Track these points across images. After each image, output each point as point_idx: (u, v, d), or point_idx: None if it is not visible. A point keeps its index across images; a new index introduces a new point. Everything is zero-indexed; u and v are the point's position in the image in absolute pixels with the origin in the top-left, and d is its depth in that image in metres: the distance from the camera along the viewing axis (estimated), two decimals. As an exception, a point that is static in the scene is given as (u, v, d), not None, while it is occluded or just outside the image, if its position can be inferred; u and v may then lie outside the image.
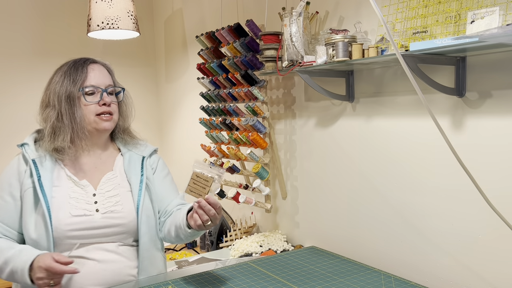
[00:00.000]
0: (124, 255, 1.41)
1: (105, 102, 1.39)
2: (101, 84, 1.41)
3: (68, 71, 1.39)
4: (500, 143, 1.24)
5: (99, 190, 1.41)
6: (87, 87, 1.37)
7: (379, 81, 1.58)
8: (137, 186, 1.44)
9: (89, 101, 1.38)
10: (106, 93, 1.40)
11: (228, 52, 2.08)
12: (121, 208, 1.40)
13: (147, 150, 1.55)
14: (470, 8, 1.19)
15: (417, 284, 1.40)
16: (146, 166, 1.50)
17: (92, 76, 1.40)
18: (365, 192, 1.67)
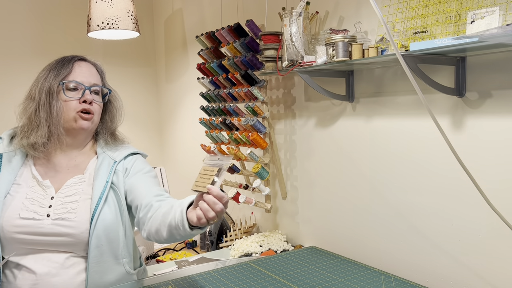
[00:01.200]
0: (72, 269, 1.30)
1: (86, 99, 1.33)
2: (85, 82, 1.35)
3: (54, 66, 1.36)
4: (500, 143, 1.24)
5: (59, 194, 1.32)
6: (69, 82, 1.33)
7: (379, 81, 1.58)
8: (98, 193, 1.32)
9: (69, 97, 1.32)
10: (89, 91, 1.35)
11: (228, 52, 2.08)
12: (73, 217, 1.29)
13: (123, 153, 1.43)
14: (470, 8, 1.19)
15: (417, 284, 1.40)
16: (117, 171, 1.38)
17: (77, 72, 1.35)
18: (365, 192, 1.67)
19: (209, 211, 1.06)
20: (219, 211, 1.06)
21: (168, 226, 1.19)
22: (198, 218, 1.08)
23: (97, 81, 1.40)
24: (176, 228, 1.17)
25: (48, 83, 1.32)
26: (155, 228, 1.24)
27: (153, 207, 1.28)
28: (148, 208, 1.30)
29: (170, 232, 1.20)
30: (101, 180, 1.34)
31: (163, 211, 1.23)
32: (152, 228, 1.26)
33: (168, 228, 1.19)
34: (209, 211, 1.06)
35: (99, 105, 1.39)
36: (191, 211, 1.12)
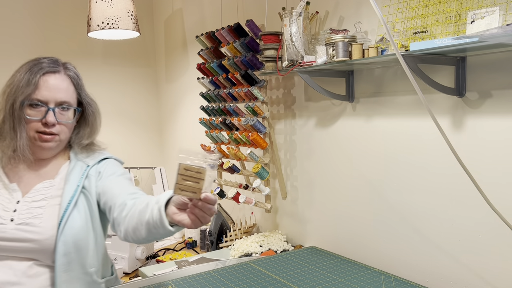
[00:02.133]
0: (35, 279, 1.22)
1: (47, 122, 1.24)
2: (50, 100, 1.25)
3: (23, 76, 1.25)
4: (500, 143, 1.24)
5: (26, 198, 1.26)
6: (31, 101, 1.24)
7: (379, 81, 1.58)
8: (67, 198, 1.25)
9: (29, 117, 1.24)
10: (53, 112, 1.25)
11: (228, 52, 2.08)
12: (38, 222, 1.22)
13: (97, 157, 1.38)
14: (470, 8, 1.19)
15: (417, 284, 1.40)
16: (89, 175, 1.32)
17: (42, 88, 1.25)
18: (365, 192, 1.67)
19: (205, 217, 1.00)
20: (213, 214, 1.01)
21: (146, 225, 1.10)
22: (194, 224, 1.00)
23: (67, 96, 1.29)
24: (155, 227, 1.07)
25: (12, 99, 1.25)
26: (133, 227, 1.15)
27: (127, 206, 1.19)
28: (122, 207, 1.21)
29: (149, 231, 1.11)
30: (72, 185, 1.28)
31: (139, 208, 1.14)
32: (130, 228, 1.16)
33: (146, 226, 1.10)
34: (206, 217, 1.00)
35: (65, 124, 1.30)
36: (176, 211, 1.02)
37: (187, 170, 0.95)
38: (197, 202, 0.96)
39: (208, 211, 0.98)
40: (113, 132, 3.15)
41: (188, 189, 0.95)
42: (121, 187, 1.29)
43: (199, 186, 0.95)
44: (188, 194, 0.95)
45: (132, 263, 2.09)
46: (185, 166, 0.95)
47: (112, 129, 3.14)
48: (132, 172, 3.02)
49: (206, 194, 0.95)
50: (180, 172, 0.95)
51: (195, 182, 0.95)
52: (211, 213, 0.99)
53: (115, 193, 1.27)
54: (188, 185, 0.95)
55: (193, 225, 0.99)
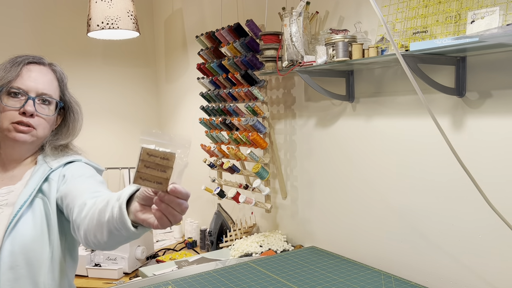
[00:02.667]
0: None
1: (26, 110, 1.12)
2: (31, 90, 1.14)
3: (5, 65, 1.16)
4: (500, 143, 1.24)
5: None
6: (11, 87, 1.12)
7: (379, 81, 1.58)
8: (19, 204, 1.10)
9: (6, 105, 1.12)
10: (33, 101, 1.13)
11: (228, 52, 2.08)
12: None
13: (64, 159, 1.21)
14: (470, 8, 1.19)
15: (417, 284, 1.40)
16: (50, 179, 1.16)
17: (25, 77, 1.14)
18: (365, 192, 1.67)
19: (174, 215, 0.77)
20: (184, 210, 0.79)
21: (106, 226, 0.90)
22: (161, 223, 0.78)
23: (50, 89, 1.18)
24: (117, 229, 0.87)
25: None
26: (93, 230, 0.95)
27: (87, 205, 1.00)
28: (82, 207, 1.01)
29: (111, 234, 0.90)
30: (29, 189, 1.13)
31: (99, 207, 0.93)
32: (90, 231, 0.96)
33: (107, 228, 0.90)
34: (175, 215, 0.77)
35: (44, 118, 1.17)
36: (139, 209, 0.82)
37: (150, 156, 0.76)
38: (163, 195, 0.76)
39: (177, 207, 0.76)
40: (113, 132, 3.15)
41: (152, 179, 0.76)
42: (85, 188, 1.10)
43: (166, 176, 0.76)
44: (152, 185, 0.76)
45: (132, 263, 2.09)
46: (149, 151, 0.76)
47: (111, 129, 3.14)
48: (132, 172, 3.02)
49: (174, 186, 0.75)
50: (142, 157, 0.75)
51: (161, 171, 0.76)
52: (181, 210, 0.77)
53: (77, 194, 1.08)
54: (152, 174, 0.76)
55: (159, 225, 0.78)
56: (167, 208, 0.76)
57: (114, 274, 2.04)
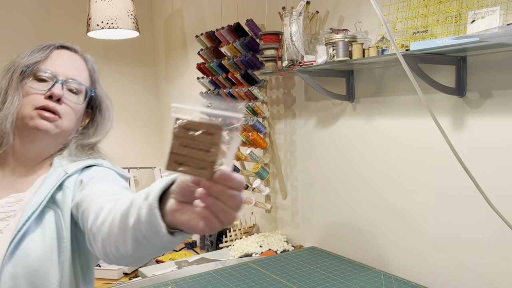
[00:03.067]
0: None
1: (53, 93, 0.96)
2: (60, 73, 0.99)
3: (32, 49, 1.03)
4: (501, 143, 1.24)
5: None
6: (38, 69, 0.98)
7: (380, 81, 1.58)
8: (26, 216, 0.90)
9: (32, 87, 0.97)
10: (61, 85, 0.98)
11: (228, 51, 2.07)
12: None
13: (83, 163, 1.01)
14: (470, 7, 1.18)
15: (417, 284, 1.39)
16: (65, 187, 0.96)
17: (54, 60, 1.00)
18: (365, 192, 1.66)
19: (225, 212, 0.53)
20: (240, 206, 0.54)
21: (132, 236, 0.67)
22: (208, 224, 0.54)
23: (80, 76, 1.03)
24: (146, 236, 0.64)
25: (14, 67, 1.00)
26: (114, 241, 0.73)
27: (104, 210, 0.80)
28: (98, 213, 0.81)
29: (138, 244, 0.68)
30: (39, 197, 0.93)
31: (121, 211, 0.72)
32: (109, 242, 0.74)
33: (133, 236, 0.67)
34: (226, 212, 0.53)
35: (72, 107, 1.01)
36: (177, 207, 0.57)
37: (188, 130, 0.53)
38: (209, 185, 0.53)
39: (229, 200, 0.53)
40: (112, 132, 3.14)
41: (192, 163, 0.53)
42: (104, 190, 0.90)
43: (211, 157, 0.52)
44: (192, 172, 0.53)
45: (131, 263, 2.08)
46: (186, 123, 0.53)
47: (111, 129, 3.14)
48: (132, 172, 3.02)
49: (223, 171, 0.52)
50: (176, 133, 0.53)
51: (205, 151, 0.53)
52: (235, 204, 0.53)
53: (94, 198, 0.87)
54: (192, 156, 0.53)
55: (206, 227, 0.54)
56: (215, 203, 0.53)
57: (114, 274, 2.04)
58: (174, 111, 0.54)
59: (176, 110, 0.54)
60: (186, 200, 0.56)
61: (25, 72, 0.97)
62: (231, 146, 0.54)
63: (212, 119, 0.53)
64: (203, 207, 0.54)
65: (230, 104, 0.54)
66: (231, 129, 0.54)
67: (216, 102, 0.54)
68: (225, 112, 0.53)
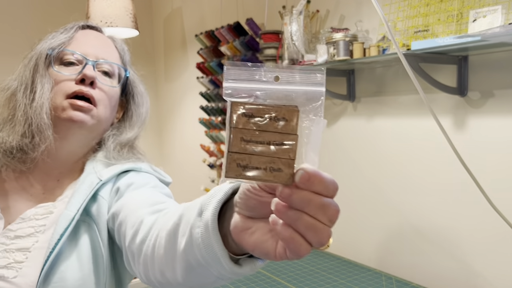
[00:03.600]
0: None
1: (86, 75, 0.82)
2: (89, 53, 0.86)
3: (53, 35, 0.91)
4: (502, 142, 1.23)
5: (7, 231, 0.78)
6: (63, 50, 0.85)
7: (380, 80, 1.57)
8: (58, 234, 0.75)
9: (59, 71, 0.83)
10: (92, 67, 0.84)
11: (227, 51, 2.07)
12: (13, 276, 0.73)
13: (118, 167, 0.84)
14: (472, 6, 1.18)
15: (418, 285, 1.39)
16: (99, 197, 0.80)
17: (81, 41, 0.88)
18: (366, 192, 1.66)
19: (318, 230, 0.39)
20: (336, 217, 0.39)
21: (183, 261, 0.53)
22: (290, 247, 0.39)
23: (111, 56, 0.91)
24: (202, 264, 0.50)
25: (36, 53, 0.87)
26: (159, 266, 0.59)
27: (144, 224, 0.66)
28: (137, 228, 0.67)
29: (191, 271, 0.53)
30: (71, 209, 0.77)
31: (167, 227, 0.57)
32: (153, 266, 0.61)
33: (184, 263, 0.53)
34: (319, 229, 0.39)
35: (106, 91, 0.86)
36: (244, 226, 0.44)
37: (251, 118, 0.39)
38: (289, 193, 0.38)
39: (320, 211, 0.38)
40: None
41: (261, 164, 0.39)
42: (143, 199, 0.74)
43: (288, 154, 0.39)
44: (262, 177, 0.39)
45: (131, 263, 2.08)
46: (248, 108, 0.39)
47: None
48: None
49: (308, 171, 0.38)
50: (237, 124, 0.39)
51: (277, 145, 0.39)
52: (329, 217, 0.39)
53: (132, 209, 0.73)
54: (260, 153, 0.39)
55: (288, 252, 0.40)
56: (300, 217, 0.38)
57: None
58: (229, 93, 0.39)
59: (232, 91, 0.39)
60: (256, 215, 0.43)
61: (50, 56, 0.85)
62: (313, 133, 0.39)
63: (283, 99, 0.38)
64: (282, 224, 0.39)
65: (305, 72, 0.39)
66: (311, 109, 0.39)
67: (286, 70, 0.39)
68: (299, 87, 0.39)
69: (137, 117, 0.94)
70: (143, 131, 0.94)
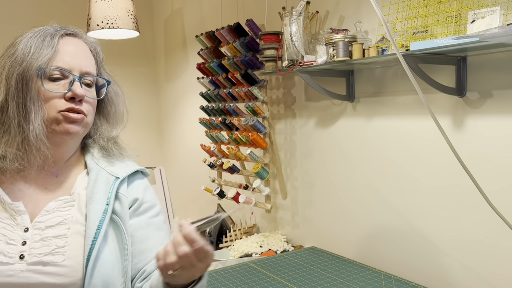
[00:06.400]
0: None
1: (75, 94, 0.89)
2: (74, 68, 0.91)
3: (32, 40, 0.92)
4: (500, 143, 1.24)
5: (36, 224, 0.87)
6: (52, 69, 0.89)
7: (380, 81, 1.58)
8: (94, 225, 0.88)
9: (50, 90, 0.88)
10: (79, 83, 0.91)
11: (228, 51, 2.07)
12: (61, 260, 0.84)
13: (126, 168, 0.99)
14: (470, 7, 1.18)
15: (417, 284, 1.39)
16: (120, 196, 0.94)
17: (64, 53, 0.91)
18: (365, 192, 1.66)
19: (169, 255, 0.73)
20: (182, 256, 0.72)
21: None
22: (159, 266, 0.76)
23: (91, 67, 0.97)
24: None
25: (21, 67, 0.89)
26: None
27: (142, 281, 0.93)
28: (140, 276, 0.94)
29: None
30: (98, 204, 0.91)
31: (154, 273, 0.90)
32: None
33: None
34: (169, 255, 0.73)
35: (91, 102, 0.95)
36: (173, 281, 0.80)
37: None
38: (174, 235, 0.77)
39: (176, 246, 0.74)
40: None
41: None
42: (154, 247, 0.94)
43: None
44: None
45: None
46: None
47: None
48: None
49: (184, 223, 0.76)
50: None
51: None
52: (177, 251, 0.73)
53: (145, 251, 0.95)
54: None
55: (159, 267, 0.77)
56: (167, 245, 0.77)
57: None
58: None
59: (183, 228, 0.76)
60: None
61: (40, 75, 0.88)
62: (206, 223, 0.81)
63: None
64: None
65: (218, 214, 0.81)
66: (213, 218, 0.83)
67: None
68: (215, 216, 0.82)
69: (120, 114, 1.04)
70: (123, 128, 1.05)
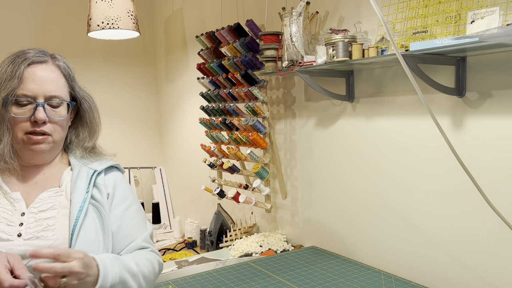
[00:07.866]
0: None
1: (37, 119, 1.05)
2: (38, 94, 1.06)
3: (5, 69, 1.07)
4: (500, 143, 1.24)
5: (31, 209, 1.08)
6: (16, 97, 1.05)
7: (379, 81, 1.58)
8: (77, 207, 1.08)
9: (16, 115, 1.05)
10: (42, 107, 1.05)
11: (228, 52, 2.08)
12: (51, 234, 1.05)
13: (103, 163, 1.19)
14: (470, 8, 1.19)
15: (417, 284, 1.40)
16: (98, 185, 1.14)
17: (28, 81, 1.06)
18: (365, 192, 1.67)
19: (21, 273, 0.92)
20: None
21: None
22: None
23: (58, 89, 1.10)
24: None
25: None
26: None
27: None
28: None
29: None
30: (79, 193, 1.11)
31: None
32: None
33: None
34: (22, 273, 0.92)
35: (57, 122, 1.10)
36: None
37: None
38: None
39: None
40: (113, 132, 3.15)
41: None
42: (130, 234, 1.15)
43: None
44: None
45: (132, 263, 2.09)
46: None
47: (112, 129, 3.14)
48: (132, 172, 3.02)
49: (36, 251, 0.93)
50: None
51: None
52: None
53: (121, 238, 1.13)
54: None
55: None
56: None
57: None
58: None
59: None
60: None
61: (6, 103, 1.04)
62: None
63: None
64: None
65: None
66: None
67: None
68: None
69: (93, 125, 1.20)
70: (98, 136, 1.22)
